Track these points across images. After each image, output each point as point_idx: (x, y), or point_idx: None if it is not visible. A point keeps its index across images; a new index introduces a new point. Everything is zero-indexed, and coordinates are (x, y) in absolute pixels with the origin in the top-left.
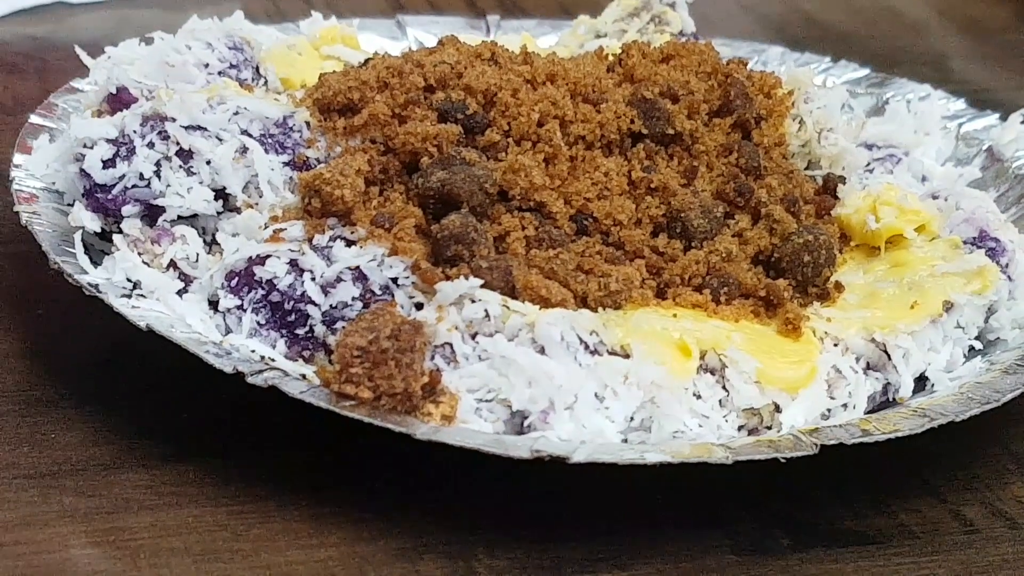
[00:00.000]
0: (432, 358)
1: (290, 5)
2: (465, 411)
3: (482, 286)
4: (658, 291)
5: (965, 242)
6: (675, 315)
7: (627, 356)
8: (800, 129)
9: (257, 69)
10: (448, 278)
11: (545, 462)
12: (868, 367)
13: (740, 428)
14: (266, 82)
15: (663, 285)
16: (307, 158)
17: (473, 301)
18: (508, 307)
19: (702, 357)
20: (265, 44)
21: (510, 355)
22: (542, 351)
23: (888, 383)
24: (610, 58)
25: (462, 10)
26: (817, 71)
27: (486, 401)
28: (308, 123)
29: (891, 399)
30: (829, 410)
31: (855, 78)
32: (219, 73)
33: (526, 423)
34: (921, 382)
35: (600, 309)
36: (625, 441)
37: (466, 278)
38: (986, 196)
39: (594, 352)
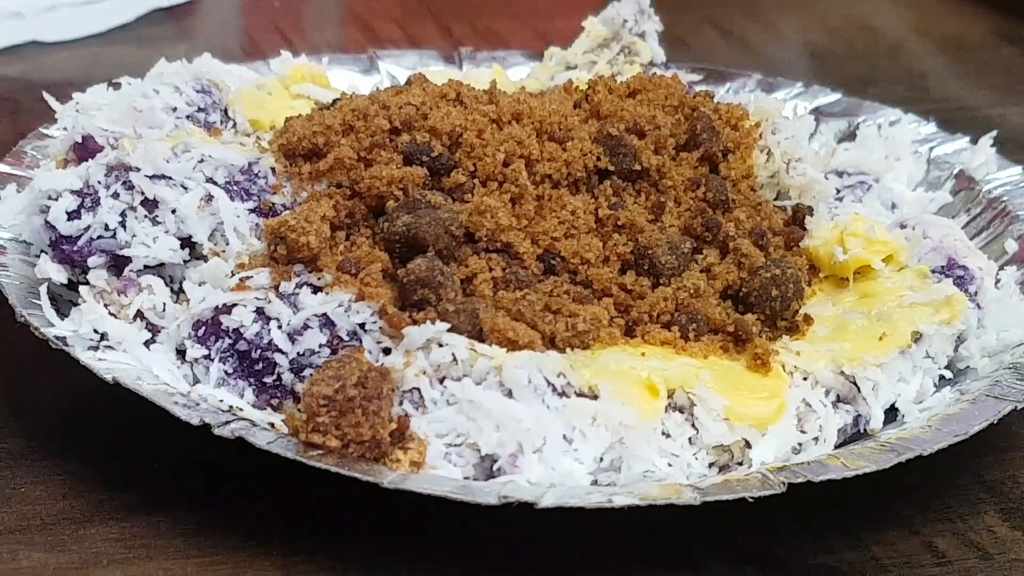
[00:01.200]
0: (400, 404)
1: (265, 38)
2: (434, 456)
3: (449, 330)
4: (627, 329)
5: (933, 271)
6: (643, 353)
7: (595, 397)
8: (768, 160)
9: (226, 111)
10: (415, 323)
11: (514, 508)
12: (838, 400)
13: (711, 465)
14: (235, 124)
15: (631, 323)
16: (273, 204)
17: (440, 345)
18: (475, 351)
19: (670, 396)
20: (234, 85)
21: (478, 399)
22: (510, 394)
23: (859, 415)
24: (579, 91)
25: (438, 40)
26: (789, 96)
27: (455, 446)
28: (274, 169)
29: (862, 431)
30: (800, 444)
31: (827, 103)
32: (187, 117)
33: (495, 467)
34: (892, 413)
35: (568, 350)
36: (595, 482)
37: (433, 322)
38: (953, 224)
39: (562, 394)
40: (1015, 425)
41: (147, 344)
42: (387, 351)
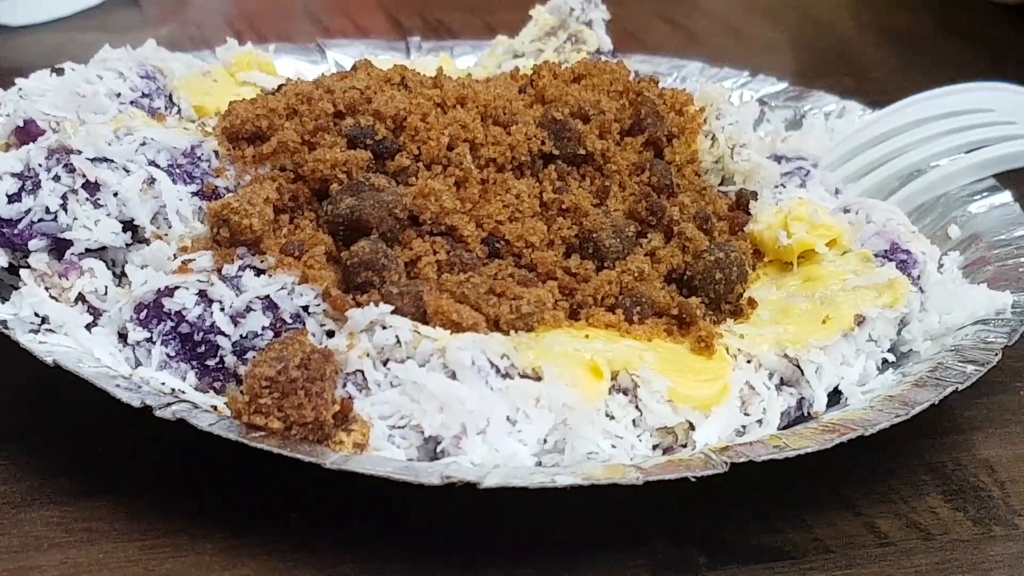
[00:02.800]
0: (344, 386)
1: (214, 33)
2: (378, 438)
3: (393, 312)
4: (571, 312)
5: (876, 255)
6: (587, 336)
7: (539, 379)
8: (713, 145)
9: (170, 97)
10: (359, 305)
11: (458, 488)
12: (782, 382)
13: (655, 447)
14: (179, 110)
15: (576, 306)
16: (216, 187)
17: (384, 328)
18: (419, 332)
19: (614, 378)
20: (179, 72)
21: (421, 381)
22: (453, 376)
23: (803, 398)
24: (524, 77)
25: (387, 32)
26: (735, 85)
27: (399, 428)
28: (217, 152)
29: (806, 414)
30: (744, 426)
31: (773, 91)
32: (131, 103)
33: (439, 448)
34: (836, 396)
35: (512, 332)
36: (539, 464)
37: (376, 304)
38: (896, 208)
39: (505, 375)
40: (958, 408)
41: (88, 327)
42: (331, 334)
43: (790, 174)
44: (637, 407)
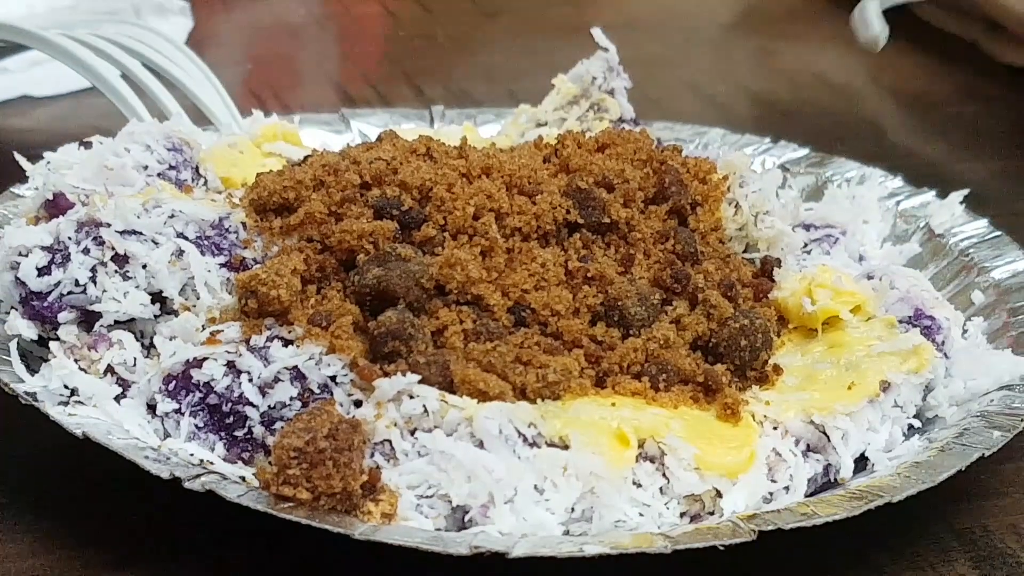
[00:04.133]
0: (372, 456)
1: (238, 103)
2: (405, 508)
3: (420, 381)
4: (597, 380)
5: (901, 321)
6: (614, 404)
7: (566, 447)
8: (736, 213)
9: (197, 169)
10: (386, 375)
11: (486, 558)
12: (808, 449)
13: (683, 515)
14: (206, 182)
15: (602, 374)
16: (244, 259)
17: (411, 397)
18: (446, 402)
19: (641, 445)
20: (205, 144)
21: (448, 450)
22: (481, 445)
23: (829, 464)
24: (548, 147)
25: (410, 100)
26: (757, 152)
27: (426, 497)
28: (244, 224)
29: (833, 480)
30: (771, 493)
31: (795, 158)
32: (158, 175)
33: (467, 518)
34: (862, 462)
35: (539, 400)
36: (567, 532)
37: (403, 374)
38: (920, 275)
39: (532, 444)
40: (985, 475)
41: (117, 399)
42: (358, 403)
43: (818, 241)
44: (664, 475)
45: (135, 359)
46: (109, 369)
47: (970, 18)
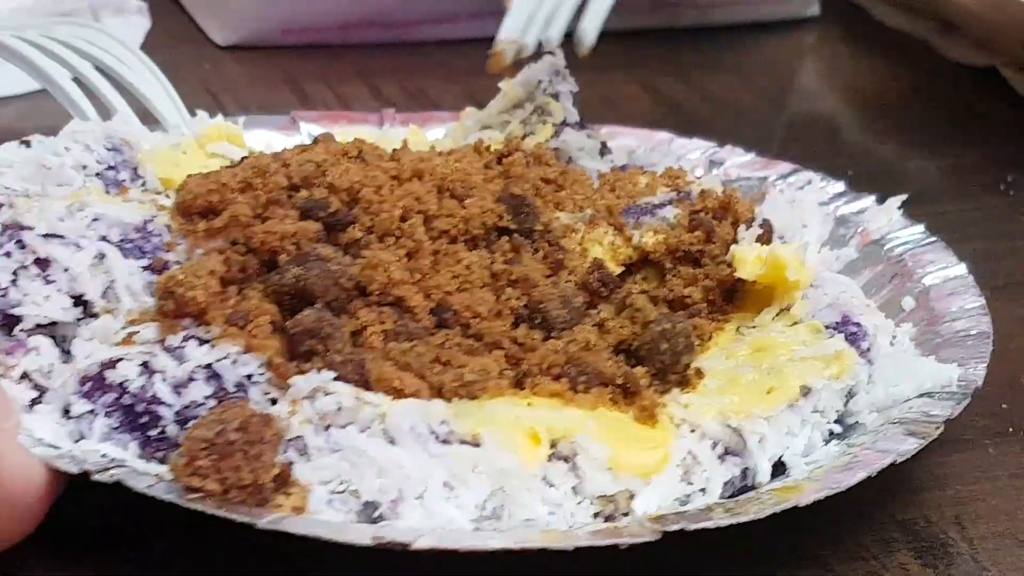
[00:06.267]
0: (285, 452)
1: (195, 101)
2: (317, 503)
3: (336, 379)
4: (516, 381)
5: (827, 327)
6: (530, 404)
7: (477, 445)
8: None
9: (136, 170)
10: (302, 373)
11: (389, 550)
12: (727, 452)
13: (596, 515)
14: (144, 182)
15: (521, 375)
16: (167, 262)
17: (326, 394)
18: (360, 399)
19: (554, 445)
20: (149, 144)
21: (360, 446)
22: (393, 442)
23: (747, 468)
24: (492, 150)
25: (367, 99)
26: (704, 156)
27: (338, 493)
28: (169, 226)
29: (751, 484)
30: (687, 496)
31: (740, 162)
32: (97, 175)
33: (376, 513)
34: (782, 467)
35: (455, 400)
36: (477, 529)
37: (319, 372)
38: (850, 281)
39: (444, 441)
40: (929, 466)
41: (33, 404)
42: (274, 402)
43: None
44: (577, 474)
45: (52, 364)
46: (25, 375)
47: (922, 17)
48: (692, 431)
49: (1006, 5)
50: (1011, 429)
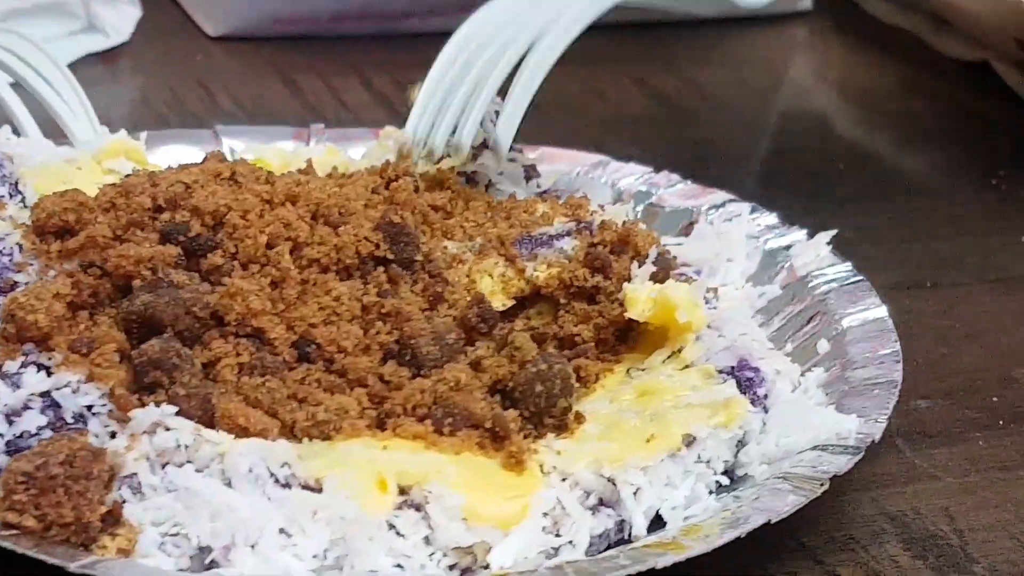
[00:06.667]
0: (119, 489)
1: (186, 92)
2: (148, 545)
3: (179, 414)
4: (379, 421)
5: (721, 371)
6: (386, 446)
7: (319, 490)
8: None
9: (16, 185)
10: (144, 405)
11: None
12: (601, 503)
13: (452, 567)
14: (23, 198)
15: (384, 415)
16: (15, 283)
17: (167, 429)
18: (200, 436)
19: (406, 492)
20: (36, 159)
21: (194, 487)
22: (230, 484)
23: (623, 520)
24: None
25: (358, 91)
26: (637, 181)
27: (171, 535)
28: (22, 245)
29: (628, 536)
30: (557, 548)
31: (674, 190)
32: None
33: (209, 559)
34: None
35: (307, 440)
36: None
37: (159, 405)
38: (752, 323)
39: (285, 485)
40: (918, 459)
41: None
42: (114, 435)
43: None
44: (428, 524)
45: None
46: None
47: (916, 12)
48: (563, 479)
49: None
50: (1001, 423)
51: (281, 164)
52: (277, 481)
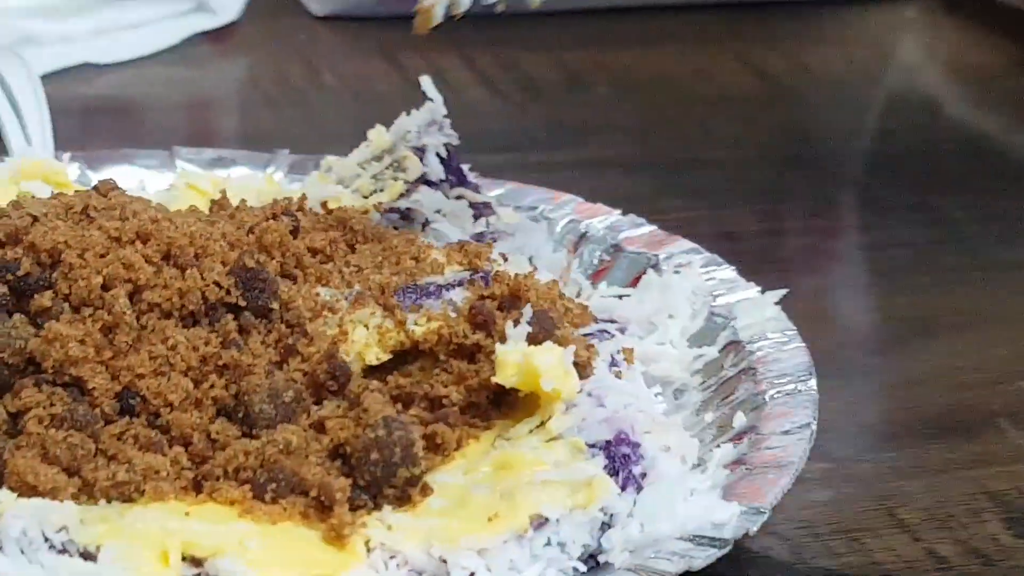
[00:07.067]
0: None
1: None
2: None
3: None
4: (195, 483)
5: (592, 446)
6: (187, 513)
7: (95, 559)
8: None
9: None
10: None
11: None
12: None
13: None
14: None
15: (201, 477)
16: None
17: None
18: None
19: (200, 564)
20: None
21: None
22: (1, 548)
23: None
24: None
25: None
26: (603, 225)
27: None
28: None
29: None
30: None
31: (637, 235)
32: None
33: None
34: None
35: (104, 501)
36: None
37: None
38: (644, 393)
39: (62, 551)
40: (1022, 439)
41: None
42: None
43: (591, 336)
44: None
45: None
46: None
47: None
48: (392, 558)
49: None
50: None
51: (213, 191)
52: (52, 547)
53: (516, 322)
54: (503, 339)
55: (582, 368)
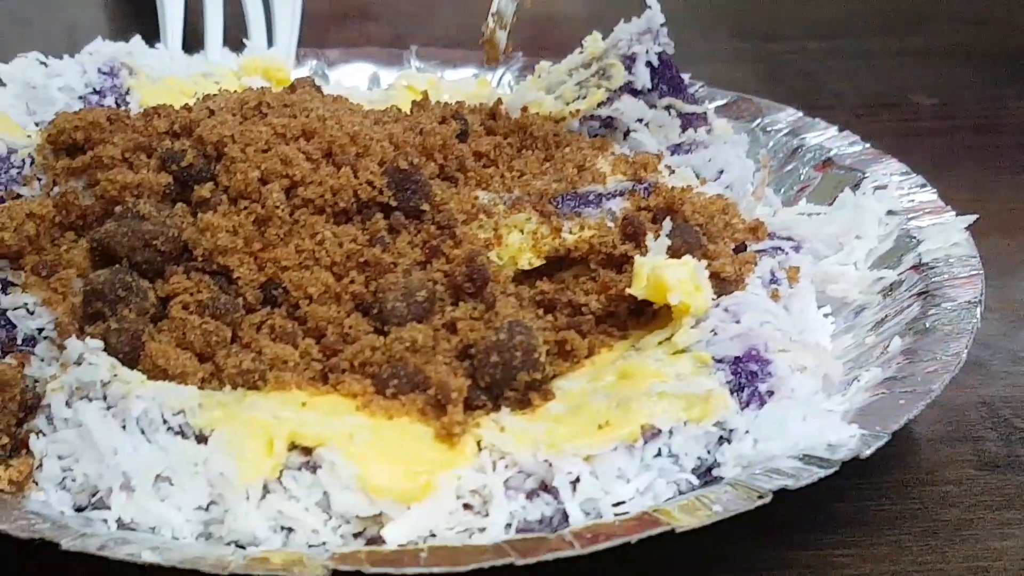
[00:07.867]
0: (35, 419)
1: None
2: (47, 478)
3: (105, 348)
4: (323, 374)
5: (719, 361)
6: (304, 404)
7: (206, 442)
8: None
9: (126, 95)
10: (83, 335)
11: (38, 545)
12: (545, 488)
13: (358, 535)
14: (128, 110)
15: (328, 369)
16: (18, 195)
17: (90, 364)
18: (116, 374)
19: (309, 453)
20: (167, 70)
21: (88, 425)
22: (124, 426)
23: (561, 507)
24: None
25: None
26: (816, 141)
27: (69, 470)
28: (34, 159)
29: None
30: (484, 528)
31: (850, 151)
32: (80, 98)
33: (95, 498)
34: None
35: (230, 387)
36: (206, 534)
37: (91, 338)
38: (780, 311)
39: (179, 433)
40: None
41: None
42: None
43: (762, 252)
44: (322, 490)
45: None
46: None
47: None
48: (501, 459)
49: None
50: None
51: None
52: (170, 428)
53: (656, 236)
54: (646, 251)
55: (731, 283)
